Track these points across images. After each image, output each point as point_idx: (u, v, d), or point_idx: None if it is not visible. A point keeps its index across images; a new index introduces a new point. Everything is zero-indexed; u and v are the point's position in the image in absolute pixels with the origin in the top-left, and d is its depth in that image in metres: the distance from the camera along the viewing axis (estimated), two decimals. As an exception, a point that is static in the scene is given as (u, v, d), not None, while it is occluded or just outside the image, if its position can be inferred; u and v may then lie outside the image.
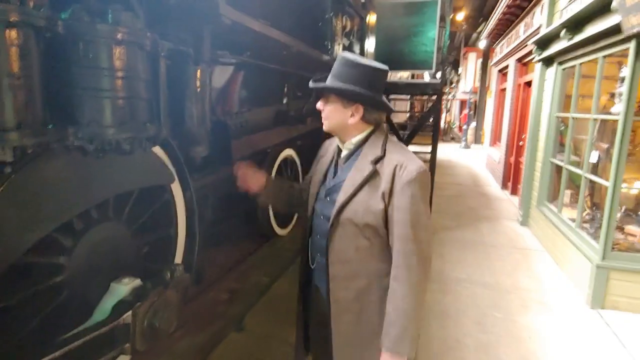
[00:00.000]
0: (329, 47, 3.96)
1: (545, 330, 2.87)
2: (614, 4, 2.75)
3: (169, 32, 1.86)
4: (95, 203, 1.86)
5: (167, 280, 2.05)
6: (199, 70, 2.02)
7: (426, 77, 9.56)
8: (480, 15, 14.18)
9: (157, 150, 2.20)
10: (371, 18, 5.30)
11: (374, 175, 1.28)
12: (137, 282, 1.99)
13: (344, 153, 1.38)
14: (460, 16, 14.32)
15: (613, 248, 3.13)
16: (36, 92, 1.22)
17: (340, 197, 1.30)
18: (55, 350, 1.50)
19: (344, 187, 1.31)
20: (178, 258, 2.61)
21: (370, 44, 5.36)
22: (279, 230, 4.59)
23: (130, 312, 1.83)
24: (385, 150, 1.31)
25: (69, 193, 1.72)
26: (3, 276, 1.47)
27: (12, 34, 1.13)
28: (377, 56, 4.88)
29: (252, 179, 1.62)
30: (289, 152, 4.66)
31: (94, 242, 1.94)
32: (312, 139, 5.34)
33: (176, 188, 2.49)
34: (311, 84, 1.34)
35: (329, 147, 1.50)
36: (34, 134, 1.23)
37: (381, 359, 1.27)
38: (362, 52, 5.52)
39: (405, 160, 1.27)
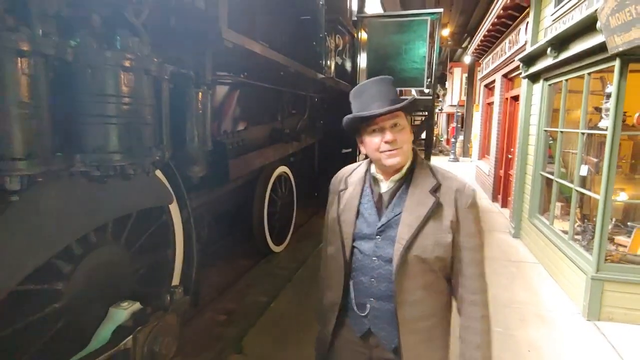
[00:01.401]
0: (323, 65, 4.02)
1: (544, 344, 2.89)
2: (598, 25, 2.86)
3: (172, 55, 1.87)
4: (96, 227, 1.84)
5: (166, 303, 2.02)
6: (200, 93, 2.03)
7: (413, 93, 9.75)
8: (464, 31, 14.59)
9: (157, 172, 2.19)
10: (362, 35, 5.42)
11: (436, 205, 1.20)
12: (137, 305, 1.95)
13: (390, 186, 1.27)
14: (445, 32, 14.69)
15: (606, 260, 3.18)
16: (45, 121, 1.22)
17: (404, 234, 1.19)
18: None
19: (405, 222, 1.20)
20: (175, 279, 2.57)
21: (361, 60, 5.47)
22: (274, 247, 4.57)
23: (130, 338, 1.80)
24: (437, 175, 1.25)
25: (70, 218, 1.70)
26: (1, 304, 1.44)
27: (23, 62, 1.13)
28: (369, 74, 4.97)
29: None
30: (283, 169, 4.68)
31: (93, 266, 1.91)
32: (304, 156, 5.39)
33: (174, 208, 2.48)
34: (386, 109, 1.16)
35: (349, 180, 1.37)
36: (42, 162, 1.22)
37: None
38: (353, 69, 5.63)
39: (459, 184, 1.24)
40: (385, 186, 1.28)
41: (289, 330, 3.01)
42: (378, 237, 1.25)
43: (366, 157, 1.36)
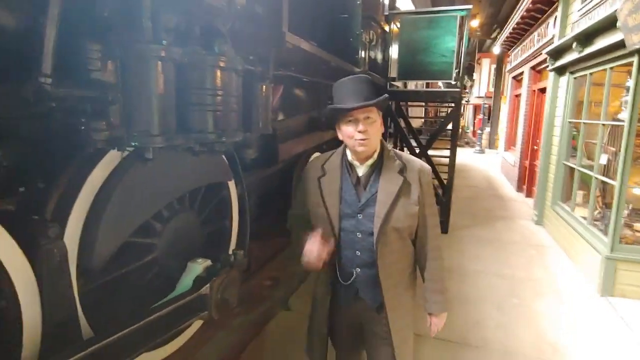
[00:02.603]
0: (359, 59, 4.36)
1: (558, 314, 3.21)
2: (618, 23, 3.10)
3: (244, 55, 2.28)
4: (180, 195, 2.30)
5: (232, 261, 2.47)
6: (264, 86, 2.43)
7: (440, 84, 9.91)
8: (494, 22, 14.46)
9: (222, 152, 2.62)
10: (393, 29, 5.71)
11: (404, 183, 1.44)
12: (208, 262, 2.41)
13: (365, 170, 1.48)
14: (474, 23, 14.61)
15: (620, 241, 3.45)
16: (171, 108, 1.65)
17: (381, 210, 1.42)
18: (154, 313, 1.91)
19: (381, 200, 1.43)
20: (232, 246, 3.03)
21: (392, 53, 5.76)
22: (309, 227, 5.01)
23: (208, 285, 2.26)
24: (402, 159, 1.49)
25: (166, 186, 2.17)
26: (117, 252, 1.90)
27: (160, 66, 1.55)
28: (400, 67, 5.27)
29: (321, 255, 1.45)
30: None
31: (176, 227, 2.38)
32: (333, 144, 5.76)
33: (232, 185, 2.93)
34: (359, 104, 1.35)
35: (326, 167, 1.54)
36: (169, 138, 1.65)
37: (435, 320, 1.60)
38: (385, 61, 5.93)
39: (419, 164, 1.50)
40: (361, 170, 1.48)
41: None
42: (359, 215, 1.46)
43: (338, 145, 1.58)
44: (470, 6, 4.80)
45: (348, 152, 1.51)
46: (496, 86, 15.71)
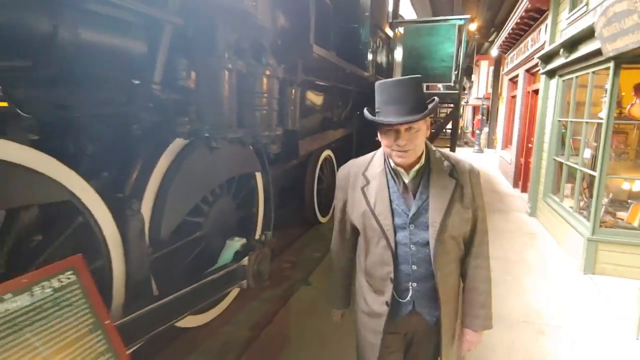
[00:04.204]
0: (367, 64, 4.83)
1: (544, 288, 3.66)
2: (596, 34, 3.56)
3: (279, 64, 2.74)
4: (222, 181, 2.75)
5: (264, 240, 2.92)
6: (293, 89, 2.90)
7: (439, 87, 10.39)
8: (492, 25, 14.96)
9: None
10: (397, 35, 6.19)
11: (457, 186, 1.31)
12: (244, 240, 2.87)
13: (412, 176, 1.33)
14: (473, 27, 15.10)
15: (601, 225, 3.91)
16: (233, 107, 2.10)
17: (435, 218, 1.28)
18: (204, 278, 2.33)
19: (434, 207, 1.29)
20: (258, 229, 3.48)
21: (396, 57, 6.25)
22: (321, 218, 5.47)
23: (246, 258, 2.71)
24: (450, 159, 1.37)
25: (214, 172, 2.63)
26: (175, 229, 2.35)
27: (228, 74, 2.00)
28: (404, 71, 5.75)
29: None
30: (328, 152, 5.55)
31: (218, 210, 2.83)
32: (344, 142, 6.23)
33: (259, 176, 3.38)
34: (401, 120, 1.21)
35: (368, 175, 1.40)
36: (232, 131, 2.10)
37: (471, 337, 1.44)
38: (389, 65, 6.41)
39: (468, 164, 1.37)
40: (407, 177, 1.33)
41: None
42: (412, 225, 1.31)
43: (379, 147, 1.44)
44: (467, 16, 5.27)
45: (390, 159, 1.35)
46: (494, 87, 16.18)
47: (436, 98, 1.32)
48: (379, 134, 1.31)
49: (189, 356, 2.63)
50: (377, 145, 1.40)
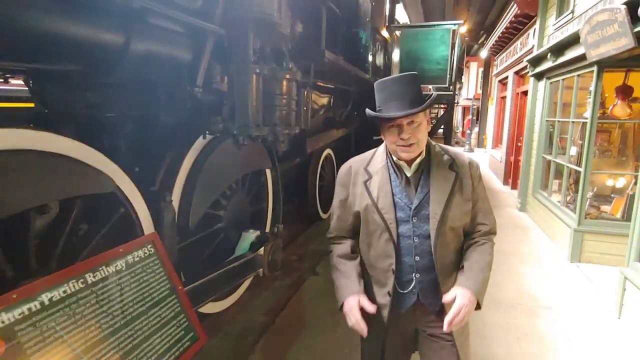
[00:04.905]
0: (368, 66, 5.08)
1: (536, 275, 3.95)
2: (581, 40, 3.86)
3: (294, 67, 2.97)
4: (238, 177, 2.96)
5: (276, 232, 3.14)
6: (306, 91, 3.11)
7: (430, 87, 10.72)
8: (481, 28, 15.36)
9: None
10: (394, 39, 6.47)
11: (457, 179, 1.35)
12: (258, 232, 3.08)
13: (414, 170, 1.36)
14: (463, 29, 15.49)
15: (586, 217, 4.21)
16: (259, 108, 2.32)
17: (436, 210, 1.31)
18: (226, 266, 2.55)
19: (435, 200, 1.32)
20: (268, 224, 3.70)
21: (393, 59, 6.52)
22: (322, 215, 5.70)
23: (262, 248, 2.93)
24: (449, 153, 1.40)
25: (233, 168, 2.84)
26: (198, 221, 2.55)
27: (255, 77, 2.22)
28: (401, 72, 6.02)
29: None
30: (328, 151, 5.79)
31: (235, 204, 3.04)
32: (343, 141, 6.48)
33: (268, 173, 3.60)
34: (402, 114, 1.24)
35: (370, 169, 1.43)
36: (256, 130, 2.32)
37: (463, 295, 1.29)
38: (386, 66, 6.68)
39: (467, 158, 1.42)
40: (409, 170, 1.36)
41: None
42: (414, 218, 1.34)
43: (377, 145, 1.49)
44: (461, 21, 5.58)
45: (393, 154, 1.39)
46: (484, 89, 16.60)
47: (434, 92, 1.46)
48: (382, 133, 1.35)
49: (212, 338, 2.84)
50: (374, 144, 1.47)
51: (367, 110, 1.35)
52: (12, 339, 0.85)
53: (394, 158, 1.37)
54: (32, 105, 2.40)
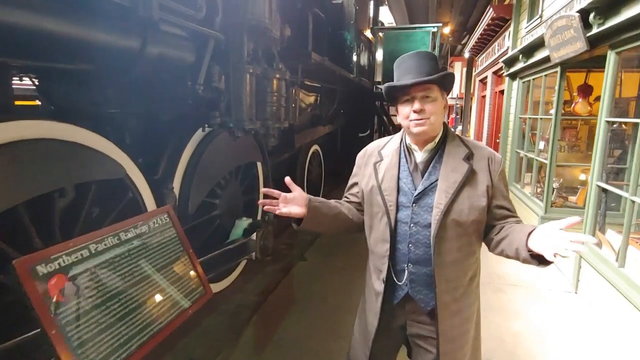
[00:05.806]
0: (352, 66, 5.39)
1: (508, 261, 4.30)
2: (545, 43, 4.23)
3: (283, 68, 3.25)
4: (233, 168, 3.22)
5: (267, 220, 3.41)
6: (294, 90, 3.40)
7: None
8: (464, 29, 15.84)
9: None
10: (377, 40, 6.79)
11: (470, 172, 1.27)
12: (250, 220, 3.35)
13: (424, 156, 1.33)
14: (446, 30, 15.95)
15: (552, 205, 4.60)
16: (253, 104, 2.60)
17: (441, 200, 1.25)
18: (221, 248, 2.82)
19: (441, 189, 1.26)
20: (259, 213, 3.96)
21: (376, 58, 6.84)
22: (311, 207, 5.99)
23: (254, 234, 3.20)
24: (468, 145, 1.33)
25: (229, 159, 3.11)
26: (197, 209, 2.81)
27: (249, 77, 2.49)
28: (384, 72, 6.35)
29: (294, 201, 1.45)
30: (316, 147, 6.08)
31: (229, 194, 3.31)
32: (330, 138, 6.78)
33: (259, 166, 3.87)
34: (413, 81, 1.21)
35: (383, 152, 1.42)
36: (251, 123, 2.60)
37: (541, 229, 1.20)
38: (370, 66, 7.00)
39: (490, 152, 1.33)
40: (420, 155, 1.33)
41: (333, 250, 4.45)
42: (414, 204, 1.29)
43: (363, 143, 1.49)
44: (440, 24, 5.91)
45: (407, 136, 1.37)
46: (467, 88, 17.09)
47: (451, 72, 1.34)
48: (397, 110, 1.32)
49: (209, 315, 3.11)
50: (359, 141, 1.72)
51: (383, 85, 1.34)
52: (71, 276, 1.12)
53: (407, 141, 1.36)
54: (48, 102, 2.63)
